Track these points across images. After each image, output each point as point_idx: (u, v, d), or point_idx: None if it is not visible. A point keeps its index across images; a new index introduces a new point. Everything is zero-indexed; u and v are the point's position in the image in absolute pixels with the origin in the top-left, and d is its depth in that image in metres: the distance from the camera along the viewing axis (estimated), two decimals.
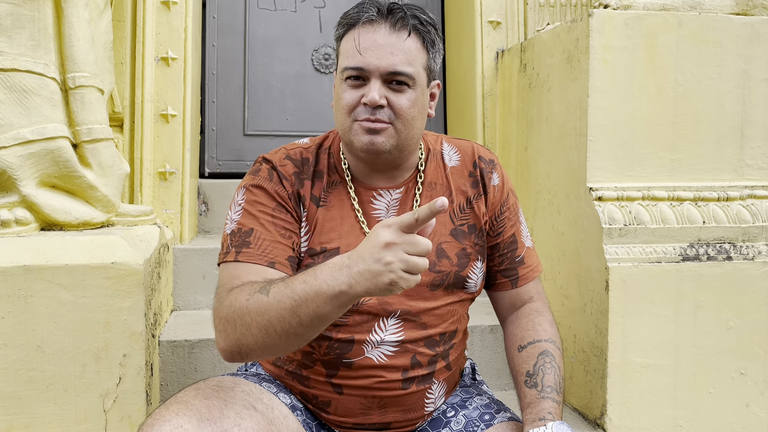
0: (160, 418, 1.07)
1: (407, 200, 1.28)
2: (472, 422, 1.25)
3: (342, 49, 1.22)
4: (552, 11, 2.82)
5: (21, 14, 1.75)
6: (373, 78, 1.17)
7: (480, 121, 2.78)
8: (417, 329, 1.24)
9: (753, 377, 2.00)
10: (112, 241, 1.73)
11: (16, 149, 1.74)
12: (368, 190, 1.27)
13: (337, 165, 1.29)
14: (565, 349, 2.17)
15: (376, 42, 1.17)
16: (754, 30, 2.07)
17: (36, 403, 1.65)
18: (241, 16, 3.15)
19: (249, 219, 1.22)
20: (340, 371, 1.23)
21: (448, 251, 1.27)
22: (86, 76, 1.86)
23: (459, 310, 1.30)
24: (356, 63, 1.17)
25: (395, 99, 1.18)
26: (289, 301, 1.03)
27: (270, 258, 1.18)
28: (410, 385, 1.25)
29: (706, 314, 1.96)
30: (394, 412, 1.26)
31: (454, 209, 1.29)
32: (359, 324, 1.22)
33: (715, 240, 2.01)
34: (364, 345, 1.22)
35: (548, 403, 1.19)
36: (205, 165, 3.10)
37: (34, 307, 1.64)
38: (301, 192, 1.25)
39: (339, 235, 1.24)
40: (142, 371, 1.71)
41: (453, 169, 1.32)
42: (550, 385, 1.23)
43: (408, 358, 1.23)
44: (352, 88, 1.19)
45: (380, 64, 1.16)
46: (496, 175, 1.34)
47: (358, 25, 1.19)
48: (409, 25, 1.18)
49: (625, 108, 2.01)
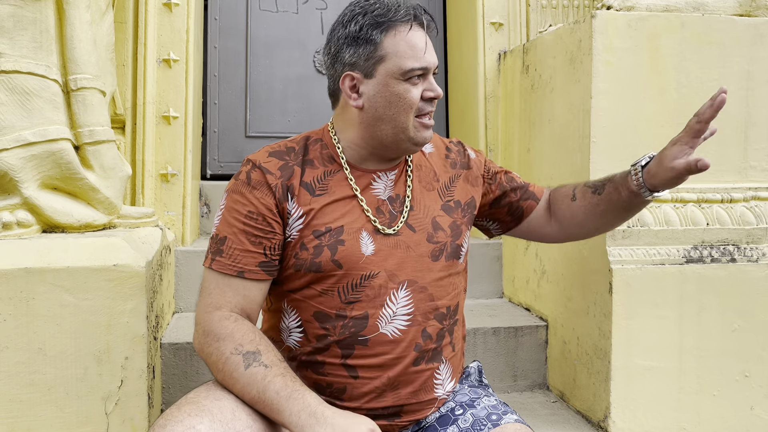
0: (172, 418, 1.09)
1: (401, 179, 1.37)
2: (480, 421, 1.27)
3: (390, 50, 1.26)
4: (554, 12, 2.81)
5: (23, 16, 1.75)
6: (430, 75, 1.30)
7: (482, 122, 2.78)
8: (426, 300, 1.30)
9: (757, 380, 1.99)
10: (114, 244, 1.73)
11: (18, 151, 1.73)
12: (367, 174, 1.35)
13: (334, 156, 1.35)
14: (569, 352, 2.17)
15: (426, 42, 1.28)
16: (758, 31, 2.06)
17: (37, 406, 1.65)
18: (243, 17, 3.15)
19: (224, 226, 1.29)
20: (356, 350, 1.26)
21: (442, 224, 1.36)
22: (88, 78, 1.86)
23: (458, 284, 1.38)
24: (421, 63, 1.26)
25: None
26: (255, 394, 1.14)
27: (239, 267, 1.26)
28: (421, 362, 1.29)
29: (710, 316, 1.96)
30: (406, 394, 1.29)
31: (440, 187, 1.40)
32: (372, 298, 1.27)
33: (719, 242, 2.00)
34: (378, 320, 1.27)
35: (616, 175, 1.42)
36: (206, 167, 3.09)
37: (36, 310, 1.64)
38: (290, 182, 1.29)
39: (341, 215, 1.30)
40: (144, 374, 1.71)
41: (431, 155, 1.44)
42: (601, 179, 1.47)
43: (419, 331, 1.29)
44: (415, 86, 1.28)
45: (435, 61, 1.29)
46: (469, 150, 1.50)
47: (400, 25, 1.27)
48: (432, 24, 1.31)
49: (628, 109, 2.00)
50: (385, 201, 1.33)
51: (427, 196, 1.38)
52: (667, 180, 1.32)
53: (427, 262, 1.31)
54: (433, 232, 1.34)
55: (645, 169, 1.36)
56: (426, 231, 1.33)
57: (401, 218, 1.32)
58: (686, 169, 1.28)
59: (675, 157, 1.30)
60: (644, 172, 1.35)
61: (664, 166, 1.31)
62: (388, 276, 1.28)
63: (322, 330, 1.27)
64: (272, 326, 1.38)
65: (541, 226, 1.56)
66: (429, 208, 1.36)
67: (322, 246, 1.26)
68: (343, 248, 1.26)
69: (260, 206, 1.27)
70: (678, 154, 1.30)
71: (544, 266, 2.34)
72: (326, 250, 1.26)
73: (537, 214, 1.54)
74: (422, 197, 1.37)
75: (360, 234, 1.28)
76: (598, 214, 1.46)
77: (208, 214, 2.85)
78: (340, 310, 1.26)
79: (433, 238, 1.33)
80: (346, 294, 1.27)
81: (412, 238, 1.32)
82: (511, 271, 2.64)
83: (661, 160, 1.32)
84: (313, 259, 1.26)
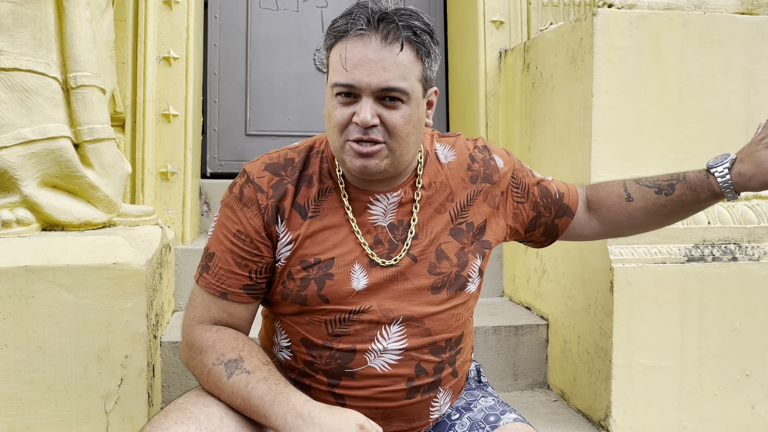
0: (158, 425, 1.06)
1: (406, 202, 1.24)
2: (477, 424, 1.24)
3: (331, 61, 1.16)
4: (555, 11, 2.81)
5: (22, 13, 1.74)
6: (364, 96, 1.11)
7: (483, 121, 2.77)
8: (421, 336, 1.21)
9: (758, 379, 1.99)
10: (114, 242, 1.72)
11: (18, 149, 1.73)
12: (364, 195, 1.23)
13: (332, 171, 1.24)
14: (569, 351, 2.16)
15: (367, 57, 1.10)
16: (760, 29, 2.06)
17: (37, 404, 1.65)
18: (243, 15, 3.14)
19: (214, 241, 1.24)
20: (343, 381, 1.21)
21: (448, 252, 1.24)
22: (88, 76, 1.85)
23: (463, 313, 1.28)
24: (345, 80, 1.11)
25: (388, 116, 1.12)
26: (241, 402, 1.11)
27: (222, 289, 1.22)
28: (415, 395, 1.23)
29: (712, 315, 1.95)
30: (399, 422, 1.25)
31: (453, 207, 1.27)
32: (361, 333, 1.19)
33: (720, 241, 2.00)
34: (367, 354, 1.19)
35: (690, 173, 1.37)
36: (206, 165, 3.09)
37: (36, 308, 1.63)
38: (281, 203, 1.21)
39: (333, 245, 1.21)
40: (144, 372, 1.71)
41: (450, 165, 1.29)
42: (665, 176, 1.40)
43: (412, 366, 1.21)
44: (343, 105, 1.13)
45: (371, 81, 1.10)
46: (496, 157, 1.34)
47: (347, 37, 1.12)
48: (401, 37, 1.11)
49: (629, 108, 2.00)
50: (384, 228, 1.23)
51: (436, 219, 1.25)
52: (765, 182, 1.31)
53: (426, 295, 1.21)
54: (436, 262, 1.23)
55: (733, 170, 1.33)
56: (428, 261, 1.22)
57: (403, 248, 1.22)
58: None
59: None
60: (733, 174, 1.33)
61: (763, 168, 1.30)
62: (380, 311, 1.19)
63: (309, 357, 1.23)
64: (267, 336, 1.35)
65: (577, 232, 1.46)
66: (435, 233, 1.24)
67: (309, 279, 1.19)
68: (331, 283, 1.19)
69: (248, 227, 1.20)
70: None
71: (545, 265, 2.34)
72: (313, 283, 1.19)
73: (572, 225, 1.44)
74: (429, 223, 1.25)
75: (352, 267, 1.20)
76: (665, 214, 1.40)
77: (208, 212, 2.85)
78: (327, 341, 1.20)
79: (436, 269, 1.22)
80: (333, 327, 1.20)
81: (412, 270, 1.21)
82: (512, 269, 2.64)
83: (758, 163, 1.31)
84: (299, 291, 1.20)
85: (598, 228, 1.45)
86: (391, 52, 1.10)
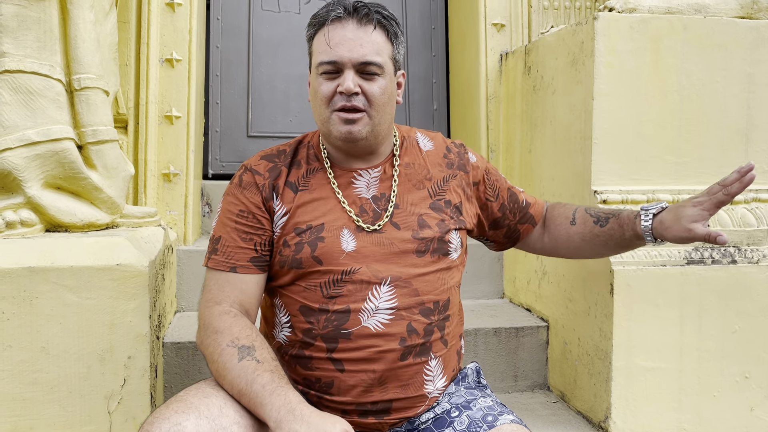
0: (159, 416, 1.12)
1: (386, 178, 1.40)
2: (475, 423, 1.27)
3: (315, 47, 1.35)
4: (556, 14, 2.82)
5: (27, 16, 1.75)
6: (346, 69, 1.30)
7: (483, 123, 2.78)
8: (410, 295, 1.31)
9: (757, 381, 2.00)
10: (117, 243, 1.73)
11: (22, 150, 1.74)
12: (348, 172, 1.39)
13: (318, 154, 1.41)
14: (569, 352, 2.17)
15: (346, 36, 1.29)
16: (759, 34, 2.07)
17: (40, 404, 1.66)
18: (245, 17, 3.15)
19: (219, 226, 1.38)
20: (340, 343, 1.29)
21: (429, 221, 1.37)
22: (91, 78, 1.86)
23: (448, 280, 1.38)
24: (330, 57, 1.29)
25: (368, 87, 1.31)
26: (243, 386, 1.17)
27: (232, 263, 1.33)
28: (408, 357, 1.30)
29: (711, 318, 1.96)
30: (394, 389, 1.30)
31: (431, 186, 1.41)
32: (353, 293, 1.29)
33: None
34: (360, 314, 1.29)
35: (624, 212, 1.46)
36: (208, 166, 3.10)
37: (39, 309, 1.64)
38: (276, 182, 1.37)
39: (323, 213, 1.34)
40: (147, 373, 1.71)
41: (428, 153, 1.46)
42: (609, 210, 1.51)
43: (404, 326, 1.30)
44: (328, 81, 1.31)
45: (352, 55, 1.29)
46: (470, 154, 1.51)
47: (327, 23, 1.31)
48: (374, 19, 1.31)
49: (630, 111, 2.01)
50: (368, 199, 1.37)
51: (416, 194, 1.39)
52: (679, 237, 1.38)
53: (411, 258, 1.33)
54: (419, 229, 1.35)
55: (657, 217, 1.41)
56: (411, 228, 1.35)
57: (385, 216, 1.35)
58: (704, 238, 1.35)
59: (694, 219, 1.36)
60: (655, 220, 1.41)
61: (681, 224, 1.37)
62: (370, 272, 1.30)
63: (307, 324, 1.31)
64: (267, 321, 1.43)
65: (533, 243, 1.62)
66: (416, 206, 1.38)
67: (303, 243, 1.31)
68: (323, 245, 1.31)
69: (249, 204, 1.35)
70: (697, 217, 1.36)
71: (545, 267, 2.35)
72: (306, 246, 1.31)
73: (531, 234, 1.61)
74: (409, 195, 1.39)
75: (341, 231, 1.33)
76: (597, 244, 1.53)
77: (210, 213, 2.86)
78: (323, 305, 1.30)
79: (419, 234, 1.35)
80: (327, 289, 1.30)
81: (396, 235, 1.34)
82: (512, 271, 2.65)
83: (678, 217, 1.38)
84: (294, 255, 1.31)
85: (548, 244, 1.61)
86: (366, 32, 1.30)
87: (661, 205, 1.43)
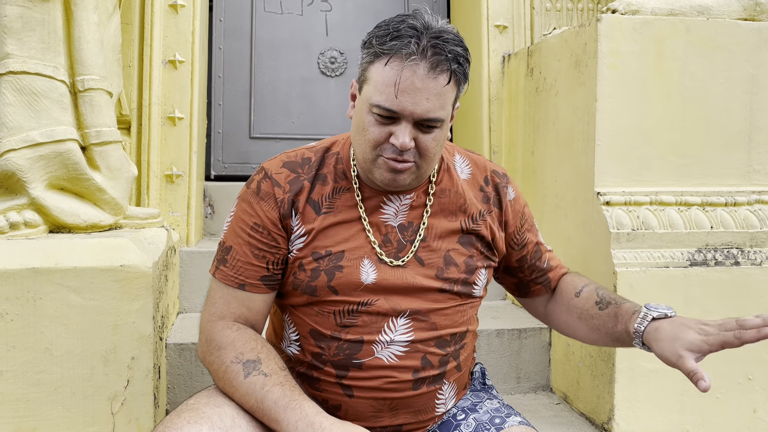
0: (171, 425, 1.08)
1: (417, 206, 1.28)
2: (483, 426, 1.25)
3: (372, 77, 1.15)
4: (558, 16, 2.82)
5: (31, 17, 1.75)
6: (405, 121, 1.14)
7: (486, 125, 2.78)
8: (427, 329, 1.24)
9: (760, 383, 2.00)
10: (121, 244, 1.73)
11: (26, 152, 1.74)
12: (377, 196, 1.27)
13: (347, 171, 1.28)
14: (572, 354, 2.17)
15: (414, 85, 1.11)
16: (762, 35, 2.07)
17: (44, 405, 1.66)
18: (248, 19, 3.16)
19: (231, 235, 1.27)
20: (351, 372, 1.23)
21: (456, 258, 1.27)
22: (95, 79, 1.86)
23: (468, 311, 1.31)
24: (391, 105, 1.12)
25: (423, 139, 1.16)
26: (254, 403, 1.13)
27: (240, 280, 1.24)
28: (421, 386, 1.25)
29: (714, 319, 1.96)
30: (405, 414, 1.26)
31: (466, 218, 1.30)
32: (368, 324, 1.22)
33: (723, 245, 2.01)
34: (374, 345, 1.22)
35: (629, 304, 1.29)
36: (211, 167, 3.10)
37: (43, 310, 1.64)
38: (297, 198, 1.25)
39: (344, 239, 1.24)
40: (150, 374, 1.71)
41: (464, 182, 1.33)
42: (619, 297, 1.33)
43: (418, 358, 1.24)
44: (380, 124, 1.16)
45: (415, 110, 1.12)
46: (511, 189, 1.36)
47: (394, 58, 1.12)
48: (449, 70, 1.12)
49: (633, 113, 2.01)
50: (394, 228, 1.26)
51: (446, 225, 1.28)
52: (664, 357, 1.18)
53: (433, 296, 1.25)
54: (444, 267, 1.26)
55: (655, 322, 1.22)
56: (436, 266, 1.25)
57: (410, 250, 1.26)
58: (686, 372, 1.14)
59: (690, 348, 1.16)
60: (651, 325, 1.22)
61: (675, 346, 1.17)
62: (388, 304, 1.23)
63: (317, 348, 1.25)
64: (275, 332, 1.37)
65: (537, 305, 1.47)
66: (444, 240, 1.27)
67: (320, 270, 1.23)
68: (340, 275, 1.22)
69: (266, 220, 1.24)
70: (695, 348, 1.16)
71: None
72: (323, 274, 1.22)
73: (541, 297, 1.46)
74: (439, 227, 1.28)
75: (362, 261, 1.23)
76: (591, 327, 1.35)
77: (212, 215, 2.86)
78: (335, 332, 1.23)
79: (444, 273, 1.25)
80: (341, 318, 1.23)
81: (419, 272, 1.25)
82: None
83: (676, 336, 1.18)
84: (310, 282, 1.23)
85: (548, 310, 1.45)
86: (437, 83, 1.12)
87: (665, 312, 1.23)
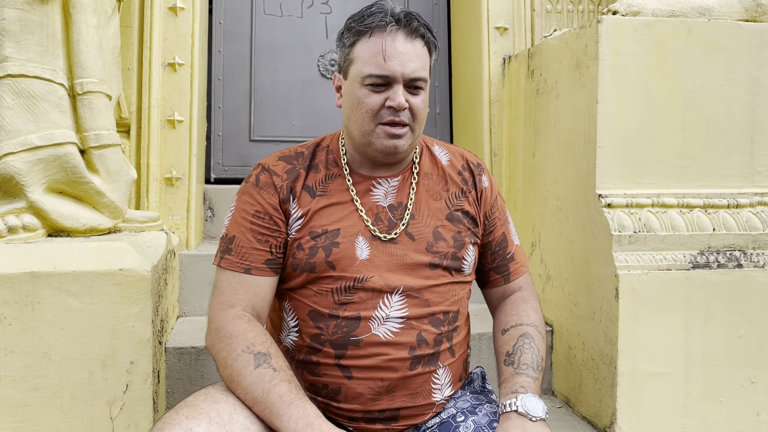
0: (170, 421, 1.11)
1: (404, 187, 1.37)
2: (481, 428, 1.27)
3: (359, 55, 1.29)
4: (559, 17, 2.81)
5: (30, 20, 1.75)
6: (396, 84, 1.27)
7: (486, 126, 2.78)
8: (420, 306, 1.30)
9: (763, 386, 1.98)
10: (120, 248, 1.73)
11: (24, 155, 1.73)
12: (367, 180, 1.37)
13: (337, 160, 1.38)
14: (574, 357, 2.16)
15: (397, 50, 1.26)
16: (764, 37, 2.06)
17: (43, 410, 1.65)
18: (248, 21, 3.16)
19: (233, 226, 1.34)
20: (349, 350, 1.27)
21: (444, 234, 1.35)
22: (94, 82, 1.86)
23: (458, 291, 1.36)
24: (382, 71, 1.26)
25: (413, 101, 1.28)
26: (259, 394, 1.16)
27: (246, 265, 1.31)
28: (417, 367, 1.29)
29: (717, 322, 1.95)
30: (403, 397, 1.29)
31: (449, 197, 1.39)
32: (364, 301, 1.28)
33: (725, 247, 2.00)
34: (371, 322, 1.27)
35: (522, 378, 1.29)
36: (210, 170, 3.09)
37: (41, 314, 1.63)
38: (294, 184, 1.34)
39: (339, 218, 1.33)
40: (149, 378, 1.71)
41: (445, 166, 1.43)
42: (527, 362, 1.32)
43: (414, 335, 1.28)
44: (375, 93, 1.28)
45: (404, 71, 1.26)
46: (485, 177, 1.45)
47: (375, 32, 1.27)
48: (421, 32, 1.29)
49: (634, 114, 2.00)
50: (384, 208, 1.35)
51: (433, 204, 1.37)
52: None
53: (424, 271, 1.32)
54: (434, 241, 1.33)
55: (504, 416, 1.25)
56: (426, 240, 1.33)
57: (400, 226, 1.34)
58: None
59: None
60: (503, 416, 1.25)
61: None
62: (382, 281, 1.29)
63: (316, 329, 1.30)
64: (273, 325, 1.41)
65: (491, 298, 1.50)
66: (432, 217, 1.36)
67: (318, 247, 1.30)
68: (337, 250, 1.29)
69: (266, 206, 1.33)
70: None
71: (549, 271, 2.34)
72: (321, 251, 1.30)
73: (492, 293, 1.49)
74: (426, 206, 1.37)
75: (356, 238, 1.31)
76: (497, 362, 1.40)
77: (212, 218, 2.85)
78: (333, 310, 1.28)
79: (433, 247, 1.33)
80: (339, 295, 1.29)
81: (410, 246, 1.32)
82: None
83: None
84: (308, 259, 1.30)
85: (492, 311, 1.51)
86: (414, 46, 1.28)
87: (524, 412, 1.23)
